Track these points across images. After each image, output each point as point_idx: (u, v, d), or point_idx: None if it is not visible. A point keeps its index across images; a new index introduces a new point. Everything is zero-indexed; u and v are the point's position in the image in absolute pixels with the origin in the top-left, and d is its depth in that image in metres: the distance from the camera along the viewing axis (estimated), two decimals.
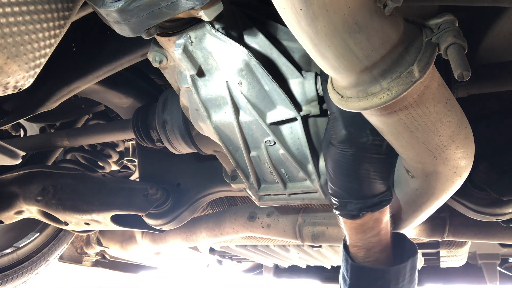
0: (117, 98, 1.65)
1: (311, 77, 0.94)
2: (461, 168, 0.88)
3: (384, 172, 0.94)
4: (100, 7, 0.67)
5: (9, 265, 2.22)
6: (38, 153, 2.35)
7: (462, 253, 2.34)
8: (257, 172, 1.15)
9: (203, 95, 0.95)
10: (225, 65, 0.88)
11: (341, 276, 1.14)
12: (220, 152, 1.32)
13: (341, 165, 0.91)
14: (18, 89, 0.69)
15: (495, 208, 1.34)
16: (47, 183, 1.81)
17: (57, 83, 1.38)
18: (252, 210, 1.95)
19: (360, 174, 0.91)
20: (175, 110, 1.30)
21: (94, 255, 2.86)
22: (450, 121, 0.76)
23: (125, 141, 2.40)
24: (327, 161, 0.95)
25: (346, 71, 0.65)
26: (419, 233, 1.82)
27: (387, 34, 0.60)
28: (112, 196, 1.75)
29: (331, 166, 0.93)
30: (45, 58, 0.70)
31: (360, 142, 0.87)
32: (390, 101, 0.65)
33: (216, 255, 2.96)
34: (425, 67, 0.63)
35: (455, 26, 0.64)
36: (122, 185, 1.79)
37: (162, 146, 1.43)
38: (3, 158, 1.22)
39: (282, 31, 0.97)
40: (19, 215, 1.90)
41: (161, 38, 0.85)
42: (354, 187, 0.94)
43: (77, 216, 1.77)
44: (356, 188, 0.94)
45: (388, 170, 0.95)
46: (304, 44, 0.63)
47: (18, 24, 0.62)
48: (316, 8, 0.53)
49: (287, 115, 0.96)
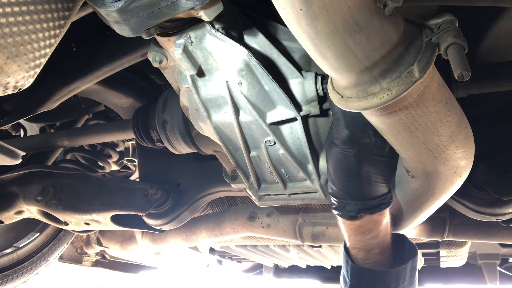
0: (117, 98, 1.65)
1: (311, 77, 0.94)
2: (461, 168, 0.88)
3: (386, 175, 0.93)
4: (100, 7, 0.67)
5: (9, 265, 2.22)
6: (38, 153, 2.35)
7: (462, 253, 2.34)
8: (257, 172, 1.15)
9: (203, 95, 0.95)
10: (225, 65, 0.88)
11: (342, 277, 1.14)
12: (220, 152, 1.32)
13: (342, 166, 0.91)
14: (18, 89, 0.69)
15: (495, 208, 1.34)
16: (47, 183, 1.81)
17: (57, 83, 1.37)
18: (252, 210, 1.95)
19: (361, 175, 0.90)
20: (175, 110, 1.30)
21: (94, 255, 2.86)
22: (450, 121, 0.76)
23: (125, 141, 2.40)
24: (329, 161, 0.95)
25: (346, 71, 0.65)
26: (419, 233, 1.82)
27: (387, 34, 0.60)
28: (112, 196, 1.75)
29: (332, 166, 0.93)
30: (45, 58, 0.70)
31: (363, 143, 0.87)
32: (390, 101, 0.65)
33: (216, 255, 2.96)
34: (425, 67, 0.63)
35: (455, 26, 0.64)
36: (122, 185, 1.79)
37: (162, 146, 1.43)
38: (3, 158, 1.22)
39: (282, 31, 0.97)
40: (19, 215, 1.90)
41: (161, 38, 0.85)
42: (354, 188, 0.93)
43: (77, 216, 1.77)
44: (356, 189, 0.93)
45: (389, 173, 0.95)
46: (304, 44, 0.63)
47: (18, 24, 0.62)
48: (316, 8, 0.53)
49: (287, 115, 0.96)
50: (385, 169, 0.92)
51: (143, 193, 1.69)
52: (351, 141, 0.87)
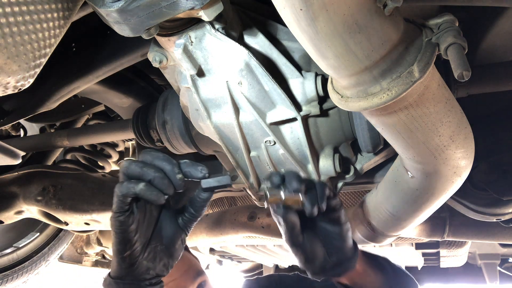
0: (117, 98, 1.65)
1: (311, 77, 0.94)
2: (461, 168, 0.88)
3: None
4: (100, 7, 0.67)
5: (9, 265, 2.22)
6: (38, 153, 2.35)
7: (462, 253, 2.35)
8: (257, 172, 1.15)
9: (203, 95, 0.95)
10: (225, 65, 0.88)
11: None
12: (220, 152, 1.32)
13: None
14: (18, 89, 0.69)
15: (495, 208, 1.34)
16: (47, 183, 1.81)
17: (57, 83, 1.37)
18: (252, 210, 1.95)
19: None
20: (175, 110, 1.30)
21: (94, 255, 2.86)
22: (450, 121, 0.76)
23: (125, 141, 2.40)
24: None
25: (346, 71, 0.64)
26: (419, 233, 1.83)
27: (387, 34, 0.60)
28: (112, 196, 1.74)
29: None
30: (45, 58, 0.70)
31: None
32: (390, 101, 0.65)
33: (216, 255, 2.96)
34: (425, 67, 0.63)
35: (455, 26, 0.64)
36: None
37: (162, 146, 1.43)
38: (3, 158, 1.22)
39: (282, 31, 0.97)
40: (19, 215, 1.90)
41: (161, 38, 0.85)
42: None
43: (77, 216, 1.77)
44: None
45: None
46: (304, 44, 0.63)
47: (18, 24, 0.62)
48: (316, 8, 0.53)
49: (287, 115, 0.95)
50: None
51: None
52: None
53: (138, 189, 0.72)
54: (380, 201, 1.23)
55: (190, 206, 0.84)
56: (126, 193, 0.72)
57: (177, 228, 0.84)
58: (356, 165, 1.18)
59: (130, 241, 0.76)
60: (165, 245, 0.83)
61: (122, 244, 0.76)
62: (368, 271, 1.04)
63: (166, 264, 0.83)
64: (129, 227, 0.75)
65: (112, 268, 0.81)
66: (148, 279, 0.80)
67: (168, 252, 0.83)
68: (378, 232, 1.34)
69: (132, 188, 0.72)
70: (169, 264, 0.84)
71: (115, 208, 0.74)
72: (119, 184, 0.74)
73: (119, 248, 0.76)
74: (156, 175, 0.73)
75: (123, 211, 0.74)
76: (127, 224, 0.74)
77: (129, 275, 0.79)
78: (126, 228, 0.74)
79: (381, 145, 1.06)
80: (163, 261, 0.83)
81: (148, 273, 0.80)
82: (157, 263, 0.82)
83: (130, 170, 0.74)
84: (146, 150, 0.79)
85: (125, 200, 0.73)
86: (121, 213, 0.74)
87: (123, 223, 0.74)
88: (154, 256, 0.81)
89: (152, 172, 0.73)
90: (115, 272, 0.79)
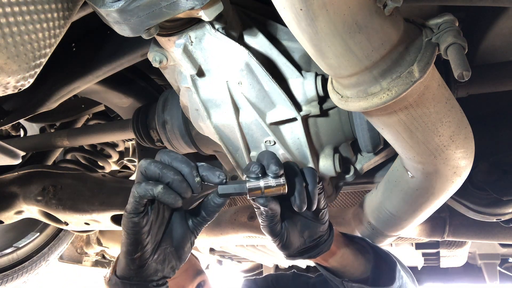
0: (117, 98, 1.65)
1: (311, 77, 0.94)
2: (461, 168, 0.88)
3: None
4: (100, 7, 0.67)
5: (9, 265, 2.22)
6: (38, 153, 2.35)
7: (462, 253, 2.35)
8: None
9: (203, 95, 0.95)
10: (225, 65, 0.88)
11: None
12: (220, 152, 1.32)
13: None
14: (18, 89, 0.69)
15: (495, 208, 1.34)
16: (47, 183, 1.81)
17: (57, 83, 1.37)
18: (252, 210, 1.95)
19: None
20: (175, 110, 1.30)
21: (94, 255, 2.86)
22: (450, 121, 0.76)
23: (125, 141, 2.40)
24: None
25: (346, 71, 0.64)
26: (419, 233, 1.83)
27: (387, 34, 0.60)
28: (112, 196, 1.75)
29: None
30: (45, 58, 0.70)
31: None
32: (390, 101, 0.65)
33: (216, 255, 2.96)
34: (425, 67, 0.63)
35: (455, 26, 0.64)
36: (122, 185, 1.79)
37: (162, 146, 1.43)
38: (3, 158, 1.22)
39: (282, 31, 0.97)
40: (19, 215, 1.90)
41: (161, 38, 0.85)
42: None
43: (77, 216, 1.77)
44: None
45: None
46: (304, 44, 0.63)
47: (18, 24, 0.62)
48: (316, 8, 0.53)
49: (287, 115, 0.95)
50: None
51: None
52: None
53: (156, 192, 0.70)
54: (380, 201, 1.23)
55: (202, 209, 0.83)
56: (144, 195, 0.71)
57: (186, 230, 0.83)
58: (356, 165, 1.18)
59: (142, 243, 0.75)
60: (175, 247, 0.82)
61: (134, 245, 0.74)
62: (347, 252, 1.05)
63: (173, 266, 0.82)
64: (142, 229, 0.73)
65: (119, 268, 0.80)
66: (155, 280, 0.79)
67: (177, 255, 0.82)
68: (378, 232, 1.34)
69: (151, 190, 0.70)
70: (176, 266, 0.83)
71: (130, 209, 0.72)
72: (137, 184, 0.72)
73: (130, 249, 0.75)
74: (175, 178, 0.71)
75: (138, 212, 0.72)
76: (141, 225, 0.73)
77: (137, 276, 0.77)
78: (139, 230, 0.73)
79: (381, 145, 1.06)
80: (171, 263, 0.81)
81: (156, 274, 0.79)
82: (166, 265, 0.80)
83: (149, 171, 0.73)
84: (164, 150, 0.77)
85: (141, 201, 0.71)
86: (135, 214, 0.72)
87: (136, 224, 0.73)
88: (164, 258, 0.80)
89: (171, 174, 0.71)
90: (123, 273, 0.78)
